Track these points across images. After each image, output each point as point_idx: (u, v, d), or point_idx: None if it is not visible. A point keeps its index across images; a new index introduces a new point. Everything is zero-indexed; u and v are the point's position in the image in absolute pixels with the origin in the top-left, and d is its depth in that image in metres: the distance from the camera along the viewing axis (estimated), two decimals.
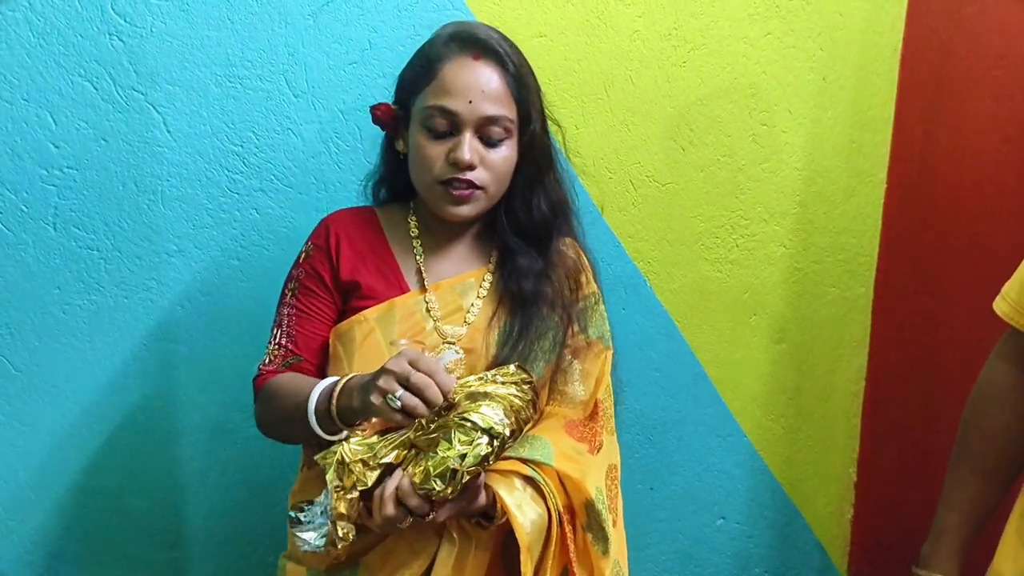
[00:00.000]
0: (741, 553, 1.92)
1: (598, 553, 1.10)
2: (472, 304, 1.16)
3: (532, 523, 1.04)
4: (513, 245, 1.17)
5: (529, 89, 1.14)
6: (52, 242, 1.35)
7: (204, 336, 1.44)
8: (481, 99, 1.09)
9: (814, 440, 1.93)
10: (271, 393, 1.11)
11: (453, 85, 1.08)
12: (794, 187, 1.80)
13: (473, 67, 1.09)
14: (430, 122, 1.10)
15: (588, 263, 1.24)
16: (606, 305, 1.24)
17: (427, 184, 1.12)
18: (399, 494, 0.97)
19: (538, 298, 1.15)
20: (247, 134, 1.41)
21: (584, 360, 1.19)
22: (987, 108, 1.68)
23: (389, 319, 1.13)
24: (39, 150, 1.32)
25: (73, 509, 1.43)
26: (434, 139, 1.10)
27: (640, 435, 1.78)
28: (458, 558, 1.06)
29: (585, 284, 1.22)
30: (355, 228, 1.18)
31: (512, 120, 1.12)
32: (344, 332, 1.14)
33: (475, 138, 1.10)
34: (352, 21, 1.43)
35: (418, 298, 1.15)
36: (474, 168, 1.10)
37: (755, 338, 1.84)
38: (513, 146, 1.13)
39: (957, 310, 1.73)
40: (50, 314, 1.37)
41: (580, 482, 1.07)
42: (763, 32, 1.71)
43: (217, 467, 1.49)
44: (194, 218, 1.41)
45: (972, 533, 1.12)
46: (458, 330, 1.14)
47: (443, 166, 1.10)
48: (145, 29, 1.34)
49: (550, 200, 1.18)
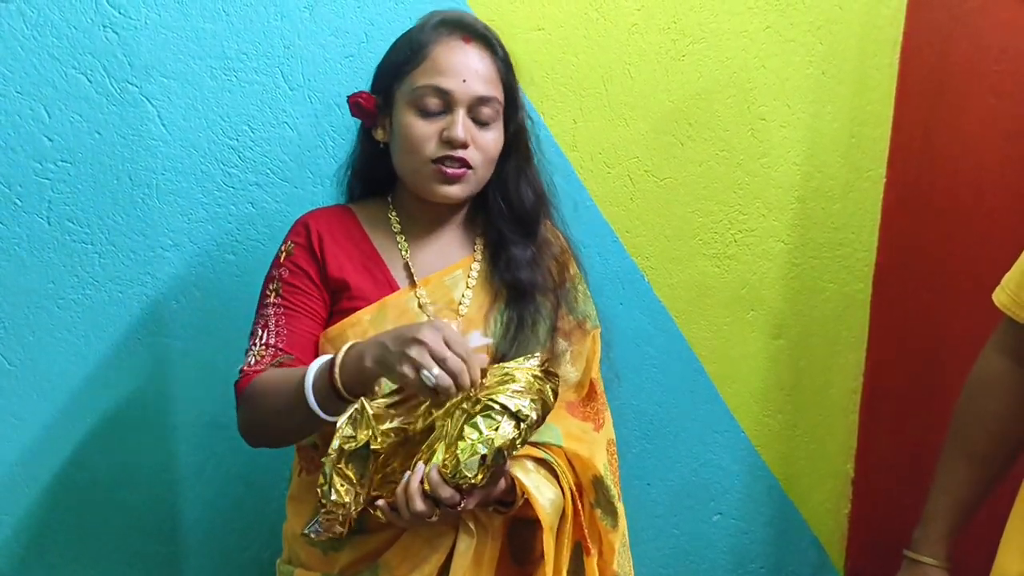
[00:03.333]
0: (738, 549, 1.92)
1: (607, 527, 1.11)
2: (463, 295, 1.16)
3: (551, 503, 1.05)
4: (505, 233, 1.17)
5: (514, 76, 1.16)
6: (46, 236, 1.34)
7: (199, 330, 1.43)
8: (474, 78, 1.10)
9: (811, 436, 1.93)
10: (258, 390, 1.06)
11: (446, 65, 1.09)
12: (792, 182, 1.80)
13: (465, 48, 1.11)
14: (422, 101, 1.09)
15: (568, 244, 1.25)
16: (603, 300, 1.24)
17: (417, 165, 1.11)
18: (428, 486, 0.94)
19: (534, 287, 1.16)
20: (242, 128, 1.40)
21: (575, 342, 1.20)
22: (987, 104, 1.67)
23: (382, 319, 1.12)
24: (32, 143, 1.32)
25: (67, 503, 1.43)
26: (425, 118, 1.10)
27: (637, 430, 1.78)
28: (476, 550, 1.06)
29: (567, 266, 1.23)
30: (336, 226, 1.16)
31: (501, 103, 1.13)
32: (336, 336, 1.11)
33: (467, 117, 1.10)
34: (348, 14, 1.43)
35: (409, 294, 1.14)
36: (467, 146, 1.10)
37: (753, 334, 1.83)
38: (500, 129, 1.14)
39: (955, 306, 1.73)
40: (44, 308, 1.36)
41: (589, 459, 1.09)
42: (762, 26, 1.70)
43: (212, 462, 1.48)
44: (189, 212, 1.40)
45: (962, 519, 1.15)
46: (452, 323, 1.14)
47: (436, 145, 1.10)
48: (139, 21, 1.33)
49: (533, 188, 1.19)
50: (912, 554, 1.17)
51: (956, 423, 1.17)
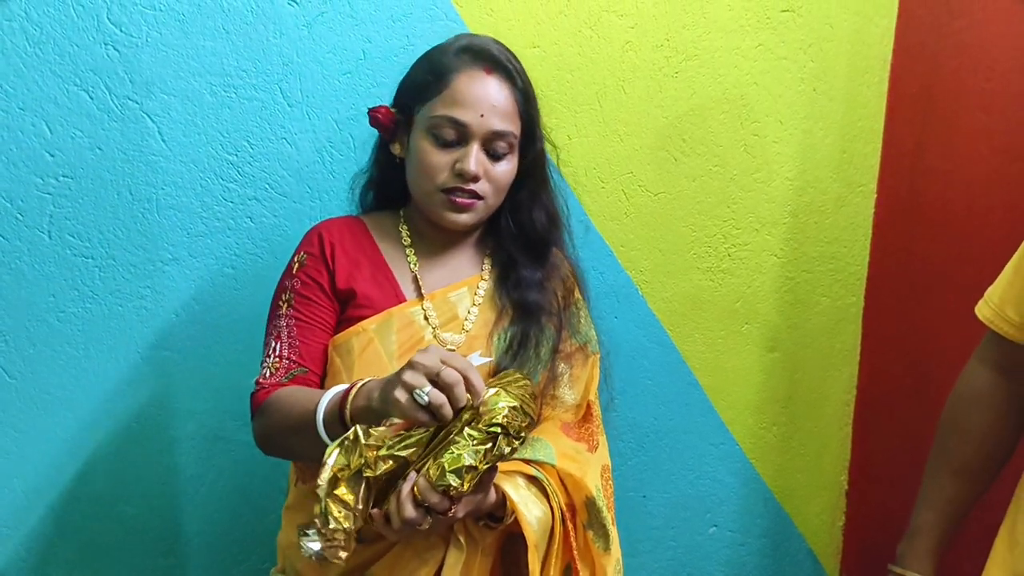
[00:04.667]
0: (734, 561, 1.92)
1: (599, 550, 1.11)
2: (469, 311, 1.17)
3: (538, 520, 1.05)
4: (516, 255, 1.18)
5: (533, 106, 1.16)
6: (47, 250, 1.36)
7: (198, 344, 1.44)
8: (491, 113, 1.10)
9: (806, 448, 1.94)
10: (275, 406, 1.07)
11: (465, 97, 1.10)
12: (785, 197, 1.81)
13: (485, 81, 1.11)
14: (438, 131, 1.10)
15: (574, 270, 1.26)
16: (598, 313, 1.24)
17: (428, 191, 1.13)
18: (417, 493, 0.93)
19: (540, 309, 1.16)
20: (242, 143, 1.42)
21: (574, 365, 1.20)
22: (975, 119, 1.69)
23: (387, 329, 1.13)
24: (34, 159, 1.33)
25: (68, 516, 1.43)
26: (440, 148, 1.11)
27: (633, 443, 1.79)
28: (466, 563, 1.06)
29: (575, 290, 1.24)
30: (347, 236, 1.18)
31: (516, 136, 1.14)
32: (342, 343, 1.13)
33: (481, 151, 1.11)
34: (346, 31, 1.45)
35: (416, 307, 1.15)
36: (479, 180, 1.11)
37: (747, 347, 1.84)
38: (514, 160, 1.15)
39: (947, 318, 1.74)
40: (45, 321, 1.37)
41: (581, 480, 1.09)
42: (754, 44, 1.72)
43: (211, 474, 1.49)
44: (188, 226, 1.41)
45: (948, 532, 1.14)
46: (456, 338, 1.15)
47: (448, 175, 1.11)
48: (140, 39, 1.35)
49: (547, 213, 1.21)
50: (898, 569, 1.16)
51: (940, 437, 1.17)
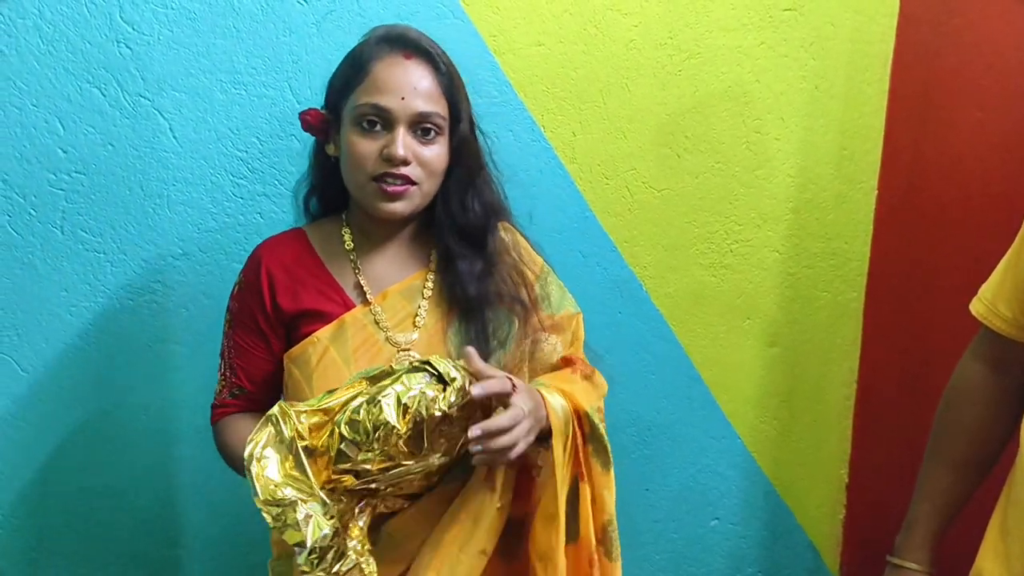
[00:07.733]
0: (734, 553, 1.94)
1: (598, 466, 1.13)
2: (419, 306, 1.16)
3: (562, 408, 1.09)
4: (453, 247, 1.17)
5: (458, 90, 1.15)
6: (59, 245, 1.37)
7: (207, 338, 1.45)
8: (413, 96, 1.09)
9: (806, 442, 1.95)
10: (220, 433, 1.19)
11: (385, 82, 1.09)
12: (786, 194, 1.82)
13: (405, 65, 1.11)
14: (363, 119, 1.10)
15: (525, 241, 1.24)
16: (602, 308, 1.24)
17: (361, 182, 1.12)
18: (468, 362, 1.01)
19: (483, 300, 1.16)
20: (251, 140, 1.43)
21: (561, 332, 1.21)
22: (975, 117, 1.70)
23: (342, 336, 1.13)
24: (47, 155, 1.35)
25: (77, 507, 1.45)
26: (367, 136, 1.10)
27: (635, 436, 1.80)
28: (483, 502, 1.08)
29: (531, 266, 1.22)
30: (288, 255, 1.17)
31: (444, 117, 1.13)
32: (298, 356, 1.14)
33: (408, 134, 1.10)
34: (355, 29, 1.45)
35: (365, 311, 1.15)
36: (408, 163, 1.10)
37: (748, 341, 1.86)
38: (445, 144, 1.14)
39: (946, 314, 1.75)
40: (57, 315, 1.39)
41: (574, 396, 1.12)
42: (756, 42, 1.73)
43: (218, 467, 1.48)
44: (199, 222, 1.43)
45: (944, 523, 1.17)
46: (410, 336, 1.15)
47: (376, 162, 1.10)
48: (152, 37, 1.36)
49: (483, 201, 1.19)
50: (895, 560, 1.18)
51: (936, 430, 1.19)
